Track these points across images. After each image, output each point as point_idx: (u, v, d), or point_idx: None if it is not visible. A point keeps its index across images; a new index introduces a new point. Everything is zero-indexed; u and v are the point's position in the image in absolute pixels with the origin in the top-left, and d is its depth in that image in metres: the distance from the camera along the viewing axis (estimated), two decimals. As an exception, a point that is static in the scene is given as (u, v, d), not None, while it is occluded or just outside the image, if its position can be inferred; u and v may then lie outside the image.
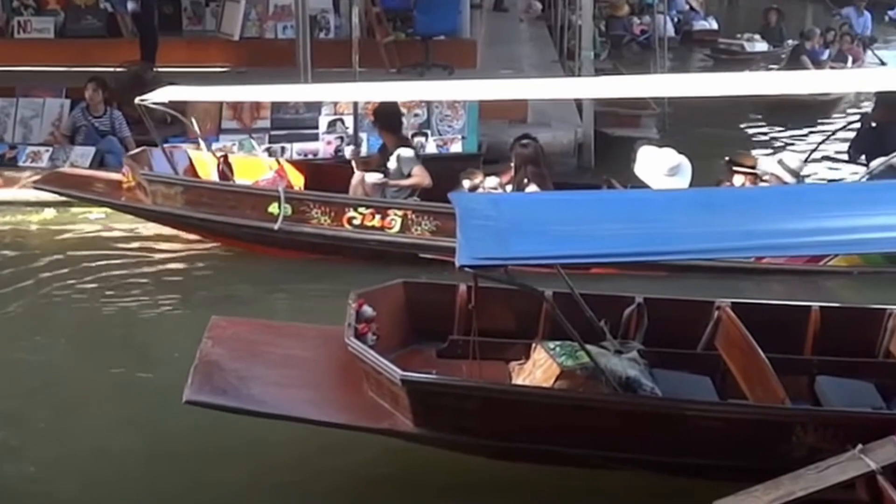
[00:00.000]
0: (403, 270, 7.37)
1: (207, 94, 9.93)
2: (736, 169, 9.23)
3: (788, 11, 23.83)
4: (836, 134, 11.42)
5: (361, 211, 8.67)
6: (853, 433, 4.94)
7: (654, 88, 10.40)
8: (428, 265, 8.17)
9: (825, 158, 11.08)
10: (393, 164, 9.08)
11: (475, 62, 14.06)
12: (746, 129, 15.27)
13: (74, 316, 8.17)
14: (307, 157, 10.69)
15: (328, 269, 8.62)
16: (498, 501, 5.69)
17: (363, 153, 9.99)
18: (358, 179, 9.18)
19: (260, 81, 10.26)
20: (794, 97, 13.00)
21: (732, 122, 15.01)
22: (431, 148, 10.72)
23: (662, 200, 6.18)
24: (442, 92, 10.12)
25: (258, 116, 10.99)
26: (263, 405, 5.53)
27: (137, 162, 9.26)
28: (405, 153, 9.09)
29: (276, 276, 8.77)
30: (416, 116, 10.88)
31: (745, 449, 5.25)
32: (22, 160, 10.95)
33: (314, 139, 10.80)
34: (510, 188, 8.86)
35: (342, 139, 10.60)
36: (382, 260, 8.39)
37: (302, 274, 8.71)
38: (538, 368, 5.77)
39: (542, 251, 5.11)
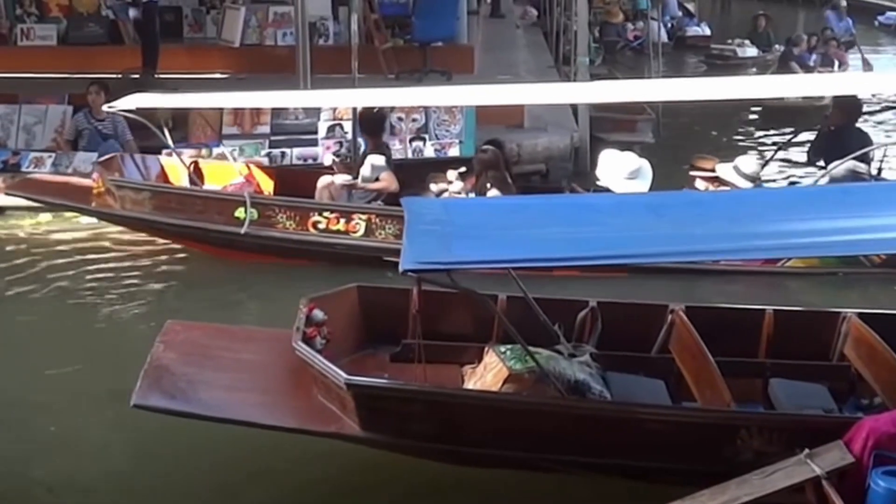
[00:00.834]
0: (368, 274, 7.36)
1: (176, 101, 9.92)
2: (693, 173, 9.27)
3: (780, 16, 23.90)
4: (794, 138, 11.34)
5: (326, 215, 8.71)
6: (800, 437, 4.86)
7: (649, 93, 10.38)
8: (392, 268, 8.07)
9: (785, 162, 11.02)
10: (365, 169, 9.11)
11: (472, 68, 14.02)
12: (741, 133, 15.25)
13: (42, 319, 8.16)
14: (306, 161, 10.63)
15: (294, 272, 8.61)
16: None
17: (346, 158, 9.98)
18: (323, 183, 9.20)
19: (260, 88, 10.28)
20: (788, 103, 13.00)
21: (727, 127, 15.03)
22: (429, 152, 10.67)
23: (610, 205, 6.13)
24: (439, 97, 10.09)
25: (258, 122, 10.93)
26: (211, 409, 5.52)
27: (107, 168, 9.27)
28: (376, 160, 9.13)
29: (242, 279, 8.78)
30: (414, 121, 10.84)
31: (690, 452, 5.19)
32: (25, 166, 10.90)
33: (314, 144, 10.75)
34: (472, 193, 8.90)
35: (341, 144, 10.56)
36: (348, 263, 8.36)
37: (268, 278, 8.70)
38: (489, 372, 5.72)
39: (484, 255, 5.09)
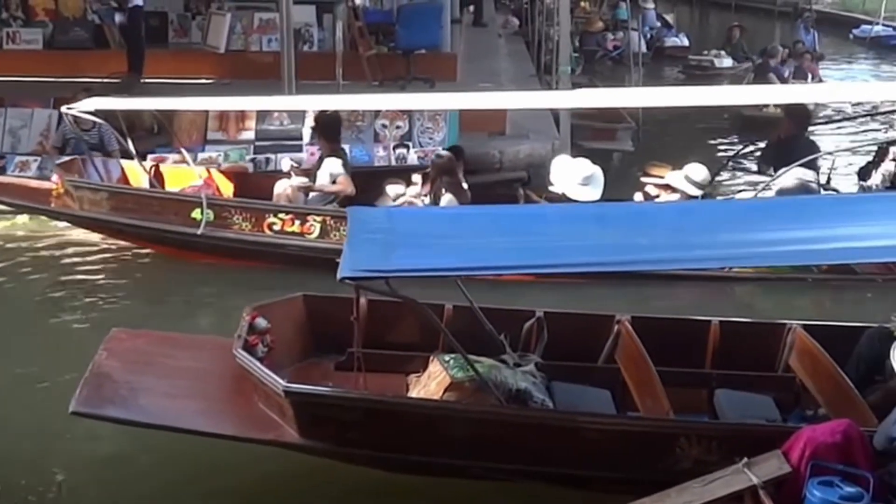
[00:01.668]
0: (325, 275, 7.14)
1: (137, 104, 9.93)
2: (645, 179, 9.28)
3: (758, 28, 23.99)
4: (745, 149, 11.32)
5: (281, 217, 8.69)
6: (740, 446, 4.81)
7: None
8: None
9: (739, 169, 11.02)
10: (322, 172, 9.10)
11: (455, 76, 13.99)
12: (718, 143, 15.26)
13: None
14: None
15: (251, 274, 8.60)
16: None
17: (304, 164, 9.96)
18: (281, 186, 9.17)
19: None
20: (765, 114, 13.04)
21: (704, 136, 15.03)
22: (413, 159, 10.61)
23: (556, 214, 6.11)
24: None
25: (243, 127, 10.87)
26: (150, 416, 5.47)
27: (67, 170, 9.26)
28: (333, 163, 9.11)
29: (199, 281, 8.76)
30: (398, 128, 10.80)
31: (631, 461, 5.17)
32: (10, 170, 10.77)
33: (298, 150, 10.68)
34: (427, 198, 8.95)
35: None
36: (305, 265, 8.32)
37: (225, 279, 8.67)
38: (433, 381, 5.69)
39: (424, 264, 5.03)
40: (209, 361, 5.94)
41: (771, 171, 9.62)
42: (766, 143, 10.71)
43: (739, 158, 10.98)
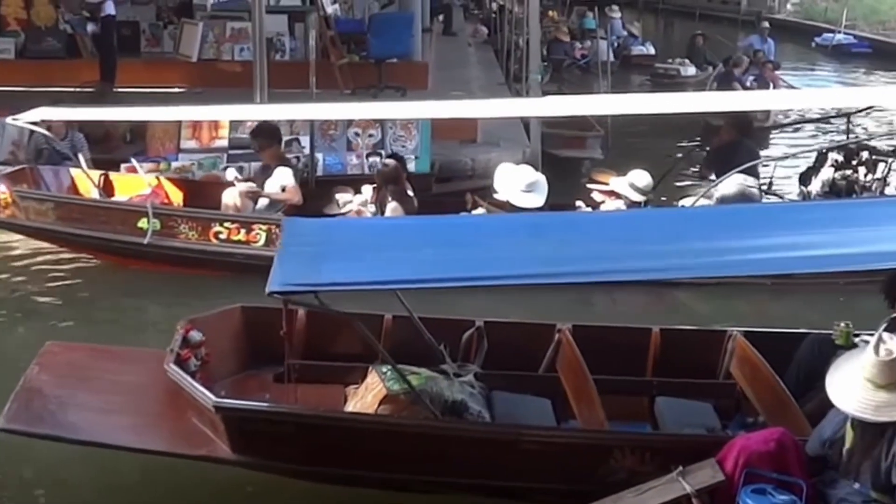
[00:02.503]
0: None
1: (82, 114, 9.82)
2: (591, 186, 9.26)
3: (722, 37, 24.10)
4: (687, 155, 11.29)
5: (227, 226, 8.64)
6: (674, 456, 4.74)
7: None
8: None
9: (680, 175, 10.97)
10: (272, 182, 9.04)
11: (427, 84, 13.99)
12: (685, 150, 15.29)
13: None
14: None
15: (199, 282, 8.51)
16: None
17: (245, 174, 9.85)
18: (229, 196, 9.10)
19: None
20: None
21: (673, 144, 15.02)
22: (386, 167, 10.55)
23: (492, 225, 5.98)
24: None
25: (216, 136, 10.73)
26: (79, 432, 5.34)
27: (15, 180, 9.14)
28: (283, 172, 9.04)
29: (146, 290, 8.65)
30: (370, 136, 10.72)
31: (565, 472, 5.10)
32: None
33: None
34: (373, 206, 8.94)
35: (298, 158, 10.41)
36: (251, 273, 8.22)
37: (172, 287, 8.56)
38: (370, 392, 5.58)
39: (353, 277, 4.88)
40: (145, 375, 5.74)
41: (713, 176, 9.58)
42: (707, 149, 10.69)
43: (685, 164, 10.93)
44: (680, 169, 10.59)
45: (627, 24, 25.13)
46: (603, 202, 9.07)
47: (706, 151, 10.62)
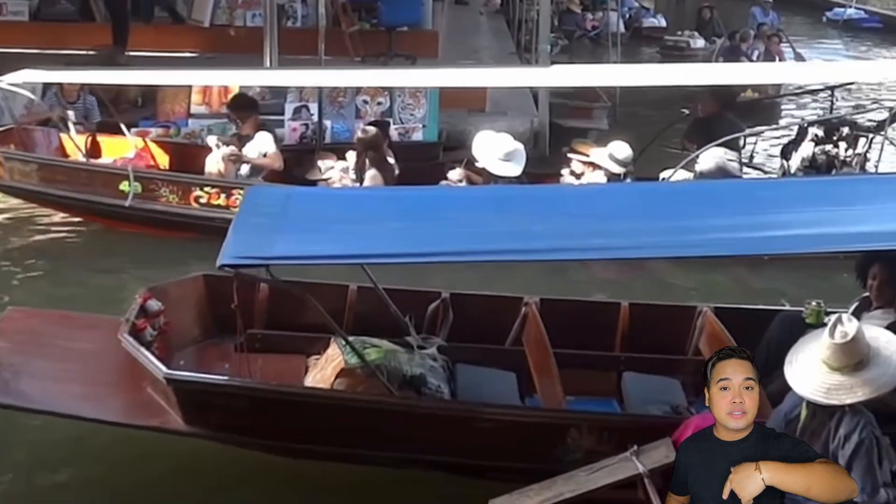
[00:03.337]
0: None
1: (69, 76, 9.77)
2: (571, 156, 9.17)
3: (733, 10, 23.84)
4: (670, 127, 11.09)
5: (207, 190, 8.67)
6: (631, 435, 4.62)
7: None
8: None
9: (661, 147, 10.76)
10: (253, 147, 8.97)
11: (437, 52, 13.90)
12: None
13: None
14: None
15: (183, 245, 8.45)
16: (283, 494, 5.37)
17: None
18: (213, 162, 9.05)
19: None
20: (743, 99, 12.96)
21: (679, 116, 14.89)
22: (394, 136, 10.46)
23: (456, 199, 5.77)
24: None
25: (226, 101, 10.69)
26: (32, 401, 5.27)
27: (2, 141, 9.16)
28: (264, 137, 9.00)
29: (128, 251, 8.70)
30: (378, 104, 10.65)
31: (522, 450, 5.00)
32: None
33: (280, 125, 10.51)
34: (354, 173, 8.91)
35: (307, 126, 10.36)
36: None
37: (154, 249, 8.57)
38: (329, 364, 5.47)
39: (308, 251, 4.74)
40: (104, 343, 5.58)
41: (694, 148, 9.43)
42: (689, 121, 10.50)
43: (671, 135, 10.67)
44: (664, 140, 10.34)
45: (638, -2, 24.88)
46: (583, 173, 8.98)
47: (689, 124, 10.40)
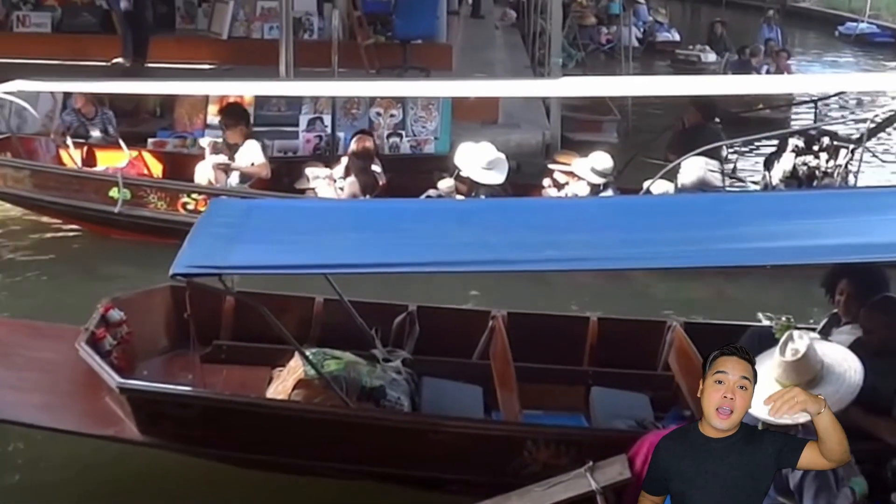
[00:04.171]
0: None
1: (58, 86, 9.86)
2: (552, 166, 9.15)
3: (746, 25, 23.80)
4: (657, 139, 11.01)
5: (195, 197, 8.74)
6: (588, 450, 4.59)
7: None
8: None
9: (644, 159, 10.68)
10: (241, 154, 9.01)
11: (451, 65, 13.91)
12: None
13: None
14: (286, 154, 10.38)
15: (170, 251, 8.34)
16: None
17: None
18: (202, 170, 9.08)
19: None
20: (757, 115, 12.93)
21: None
22: (406, 148, 10.51)
23: (420, 210, 5.74)
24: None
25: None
26: None
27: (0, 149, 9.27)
28: (252, 146, 9.06)
29: (118, 257, 8.75)
30: (392, 117, 10.66)
31: (478, 464, 4.96)
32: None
33: (294, 137, 10.55)
34: (342, 181, 8.98)
35: (321, 137, 10.40)
36: None
37: (143, 255, 8.45)
38: (291, 376, 5.43)
39: (263, 261, 4.67)
40: (65, 352, 5.53)
41: (674, 159, 9.35)
42: (672, 132, 10.40)
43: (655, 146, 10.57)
44: (651, 152, 10.26)
45: (654, 10, 24.87)
46: (566, 183, 8.93)
47: (671, 135, 10.32)
